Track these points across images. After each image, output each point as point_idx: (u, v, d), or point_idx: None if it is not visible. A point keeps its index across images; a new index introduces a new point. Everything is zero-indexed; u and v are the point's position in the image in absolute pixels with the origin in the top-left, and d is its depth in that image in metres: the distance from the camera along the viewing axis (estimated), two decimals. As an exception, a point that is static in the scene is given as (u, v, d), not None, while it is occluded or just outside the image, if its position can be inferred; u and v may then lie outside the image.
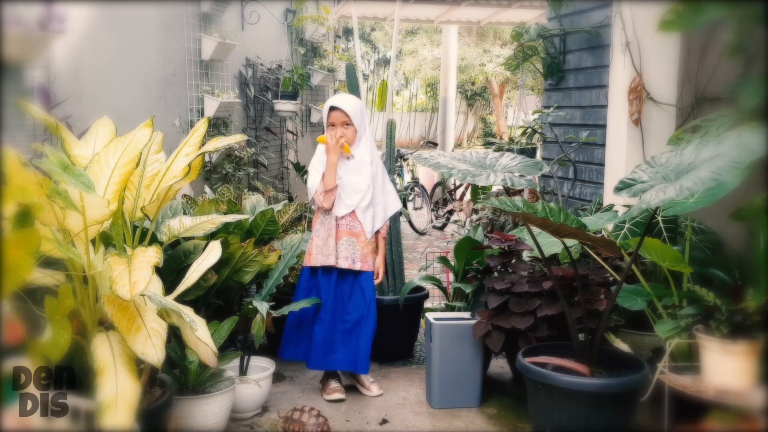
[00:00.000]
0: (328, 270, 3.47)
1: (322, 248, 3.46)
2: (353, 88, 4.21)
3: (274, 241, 3.82)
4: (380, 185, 3.54)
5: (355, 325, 3.46)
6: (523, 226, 3.48)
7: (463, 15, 9.44)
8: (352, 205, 3.46)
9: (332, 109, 3.46)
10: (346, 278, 3.48)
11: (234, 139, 3.05)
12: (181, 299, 2.65)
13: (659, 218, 3.32)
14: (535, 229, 3.12)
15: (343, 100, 3.51)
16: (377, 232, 3.57)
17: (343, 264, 3.45)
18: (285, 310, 3.34)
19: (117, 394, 2.19)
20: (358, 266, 3.46)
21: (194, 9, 4.98)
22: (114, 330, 2.36)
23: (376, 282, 3.54)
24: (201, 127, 2.87)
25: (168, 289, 2.65)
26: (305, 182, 5.63)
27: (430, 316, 3.48)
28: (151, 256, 2.38)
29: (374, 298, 3.52)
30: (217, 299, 3.47)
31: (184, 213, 3.57)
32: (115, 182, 2.49)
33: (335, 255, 3.44)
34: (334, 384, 3.51)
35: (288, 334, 3.54)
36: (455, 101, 15.04)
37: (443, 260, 4.06)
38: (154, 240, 2.90)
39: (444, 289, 4.07)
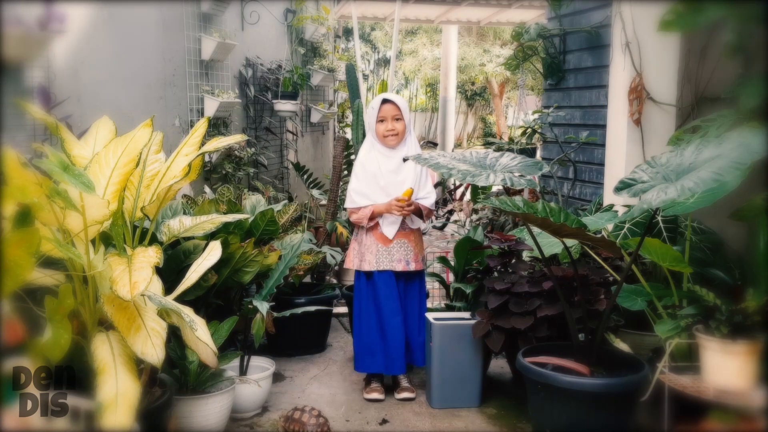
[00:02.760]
0: (387, 272, 3.50)
1: (365, 254, 3.52)
2: (353, 88, 4.21)
3: (274, 241, 3.82)
4: (423, 184, 3.55)
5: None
6: (523, 226, 3.48)
7: (463, 15, 9.44)
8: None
9: (384, 102, 3.50)
10: (399, 280, 3.53)
11: (234, 139, 3.05)
12: (181, 299, 2.64)
13: (659, 218, 3.32)
14: (535, 229, 3.12)
15: (393, 95, 3.59)
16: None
17: (399, 267, 3.48)
18: (286, 313, 3.34)
19: (117, 394, 2.19)
20: (413, 267, 3.51)
21: (194, 9, 4.98)
22: (114, 330, 2.36)
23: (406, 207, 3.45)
24: (201, 127, 2.87)
25: (168, 289, 2.65)
26: (305, 182, 5.66)
27: (430, 316, 3.48)
28: (151, 256, 2.38)
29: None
30: (217, 299, 3.47)
31: (184, 213, 3.57)
32: (114, 182, 2.49)
33: (388, 259, 3.49)
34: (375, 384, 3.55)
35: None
36: (455, 101, 15.03)
37: (443, 260, 4.06)
38: (154, 240, 2.90)
39: (447, 286, 4.07)
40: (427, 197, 3.55)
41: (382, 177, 3.48)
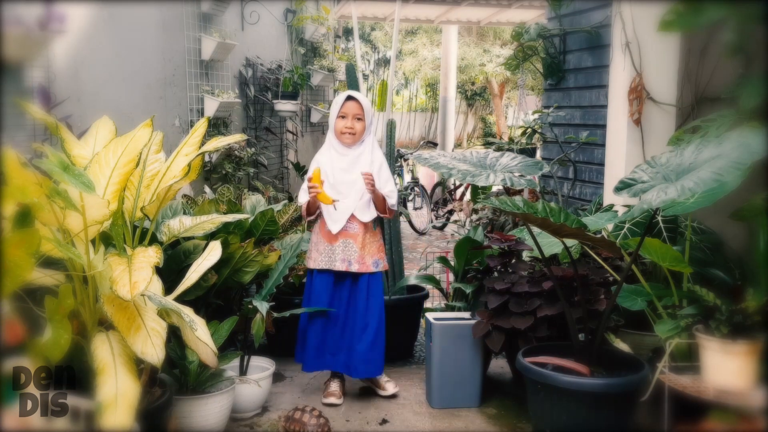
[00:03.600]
0: (326, 273, 3.44)
1: (312, 251, 3.47)
2: (353, 88, 4.20)
3: (274, 241, 3.82)
4: (382, 184, 3.45)
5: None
6: (523, 226, 3.48)
7: (463, 15, 9.44)
8: (348, 208, 3.39)
9: (349, 98, 3.43)
10: (344, 281, 3.45)
11: (234, 139, 3.05)
12: (181, 299, 2.65)
13: (659, 218, 3.32)
14: (535, 229, 3.12)
15: (359, 94, 3.52)
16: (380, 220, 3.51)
17: (341, 267, 3.41)
18: (286, 313, 3.34)
19: (117, 394, 2.19)
20: (355, 268, 3.41)
21: (194, 9, 4.98)
22: (114, 330, 2.36)
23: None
24: (201, 127, 2.87)
25: (168, 289, 2.65)
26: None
27: (430, 316, 3.48)
28: (151, 256, 2.38)
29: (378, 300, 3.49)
30: (217, 299, 3.47)
31: (184, 213, 3.57)
32: (115, 182, 2.49)
33: (330, 258, 3.42)
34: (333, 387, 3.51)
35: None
36: (455, 101, 15.04)
37: (443, 260, 4.06)
38: (154, 240, 2.90)
39: (442, 290, 4.06)
40: (390, 196, 3.46)
41: (333, 175, 3.40)
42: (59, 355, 2.23)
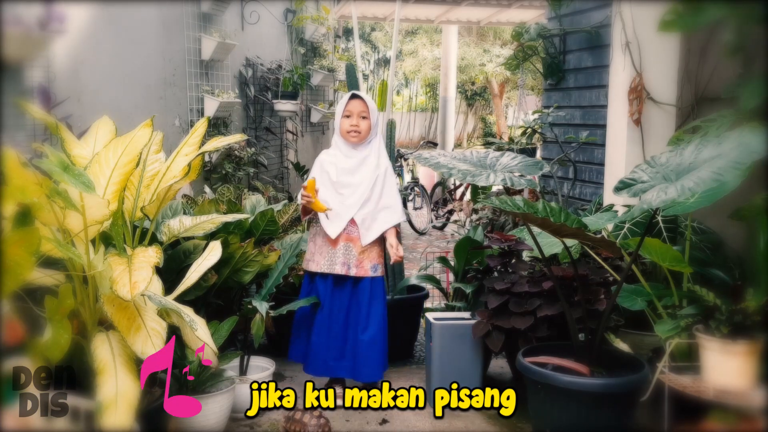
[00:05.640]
0: (324, 276, 3.42)
1: (315, 254, 3.43)
2: (353, 88, 4.20)
3: (274, 241, 3.82)
4: (379, 191, 3.39)
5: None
6: (523, 226, 3.48)
7: (463, 15, 9.45)
8: (349, 212, 3.35)
9: (353, 97, 3.40)
10: (344, 285, 3.41)
11: (234, 139, 3.05)
12: (181, 299, 2.65)
13: (659, 218, 3.32)
14: (535, 229, 3.12)
15: (363, 93, 3.50)
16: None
17: (340, 270, 3.37)
18: (283, 309, 3.34)
19: (117, 393, 2.20)
20: (353, 272, 3.37)
21: (194, 9, 4.98)
22: (114, 330, 2.36)
23: (394, 259, 3.38)
24: (201, 127, 2.87)
25: (168, 289, 2.65)
26: (305, 182, 5.66)
27: (430, 316, 3.48)
28: (151, 256, 2.38)
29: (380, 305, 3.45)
30: (217, 299, 3.47)
31: (184, 213, 3.57)
32: (115, 182, 2.49)
33: (331, 261, 3.38)
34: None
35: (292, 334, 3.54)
36: (455, 101, 15.04)
37: (443, 260, 4.06)
38: (154, 240, 2.90)
39: (443, 290, 4.06)
40: (390, 207, 3.41)
41: (336, 175, 3.36)
42: (59, 355, 2.23)
